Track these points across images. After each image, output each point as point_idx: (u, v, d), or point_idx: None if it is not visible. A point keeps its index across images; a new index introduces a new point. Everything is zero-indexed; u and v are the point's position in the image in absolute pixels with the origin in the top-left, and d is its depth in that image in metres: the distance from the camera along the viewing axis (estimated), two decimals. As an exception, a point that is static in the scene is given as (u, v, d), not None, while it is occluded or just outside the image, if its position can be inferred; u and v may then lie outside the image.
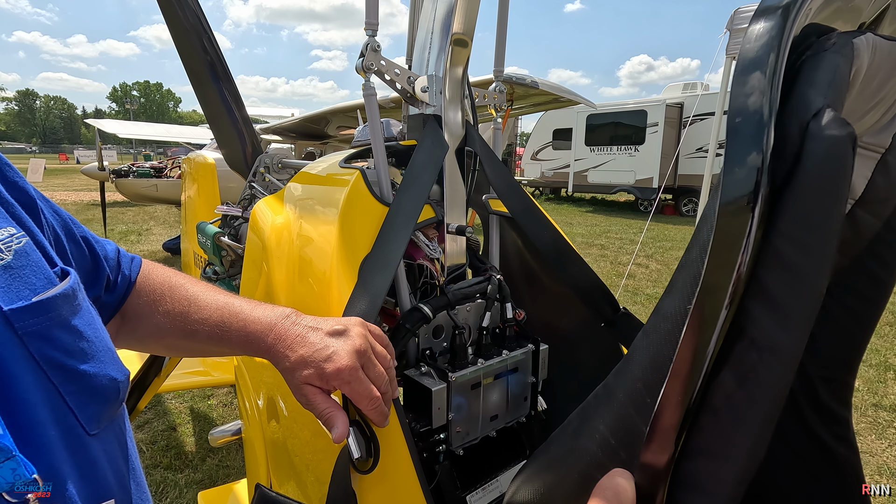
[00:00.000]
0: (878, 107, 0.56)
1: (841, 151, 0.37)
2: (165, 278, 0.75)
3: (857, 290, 0.68)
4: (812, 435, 0.73)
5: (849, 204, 0.63)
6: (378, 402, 0.66)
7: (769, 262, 0.38)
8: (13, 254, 0.48)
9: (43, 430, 0.46)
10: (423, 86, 0.97)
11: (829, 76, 0.40)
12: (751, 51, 0.39)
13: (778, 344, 0.38)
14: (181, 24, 1.65)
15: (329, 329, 0.67)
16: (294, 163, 1.70)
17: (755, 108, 0.38)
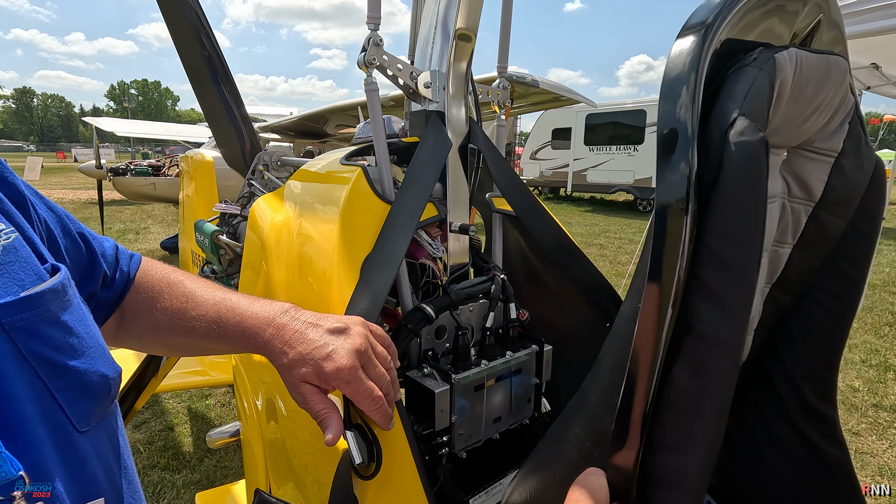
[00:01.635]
0: (820, 112, 0.59)
1: (754, 154, 0.41)
2: (164, 275, 0.74)
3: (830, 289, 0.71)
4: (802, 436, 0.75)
5: (810, 207, 0.68)
6: (380, 403, 0.65)
7: (705, 260, 0.41)
8: (1, 249, 0.47)
9: (30, 426, 0.45)
10: (425, 81, 0.96)
11: (746, 88, 0.45)
12: (675, 69, 0.43)
13: (722, 336, 0.42)
14: (180, 22, 1.63)
15: (329, 326, 0.65)
16: (293, 160, 1.68)
17: (681, 121, 0.42)
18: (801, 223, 0.69)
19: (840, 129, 0.64)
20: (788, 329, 0.75)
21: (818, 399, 0.73)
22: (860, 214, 0.67)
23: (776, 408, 0.75)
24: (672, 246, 0.41)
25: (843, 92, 0.60)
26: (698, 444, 0.43)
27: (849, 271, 0.69)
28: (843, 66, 0.57)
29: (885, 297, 6.06)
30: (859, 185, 0.66)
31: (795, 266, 0.71)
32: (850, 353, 4.40)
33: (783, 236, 0.71)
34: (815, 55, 0.53)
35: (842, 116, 0.64)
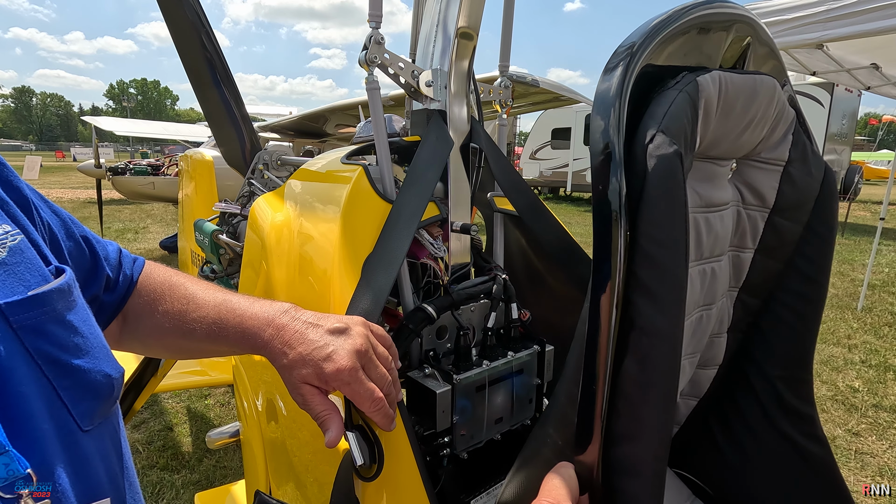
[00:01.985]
0: (755, 125, 0.65)
1: (669, 164, 0.47)
2: (166, 278, 0.74)
3: (795, 290, 0.75)
4: (783, 435, 0.78)
5: (765, 213, 0.73)
6: (381, 404, 0.64)
7: (640, 261, 0.47)
8: (7, 250, 0.48)
9: (37, 423, 0.46)
10: (427, 80, 0.95)
11: (665, 108, 0.50)
12: (604, 93, 0.49)
13: (660, 328, 0.47)
14: (180, 22, 1.63)
15: (329, 327, 0.65)
16: (293, 160, 1.68)
17: (610, 141, 0.47)
18: (759, 229, 0.74)
19: (784, 140, 0.69)
20: (760, 331, 0.78)
21: (795, 398, 0.76)
22: (815, 218, 0.73)
23: (757, 409, 0.78)
24: (612, 251, 0.46)
25: (779, 106, 0.66)
26: (650, 432, 0.48)
27: (810, 272, 0.74)
28: (769, 83, 0.63)
29: (884, 298, 6.07)
30: (810, 190, 0.72)
31: (759, 270, 0.76)
32: (849, 354, 4.40)
33: (743, 241, 0.75)
34: (740, 76, 0.59)
35: (783, 128, 0.69)
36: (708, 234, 0.67)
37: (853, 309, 5.62)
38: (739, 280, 0.77)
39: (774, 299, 0.76)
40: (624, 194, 0.46)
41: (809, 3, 2.93)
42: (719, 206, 0.68)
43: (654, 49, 0.51)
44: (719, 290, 0.73)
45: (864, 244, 9.35)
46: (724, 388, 0.83)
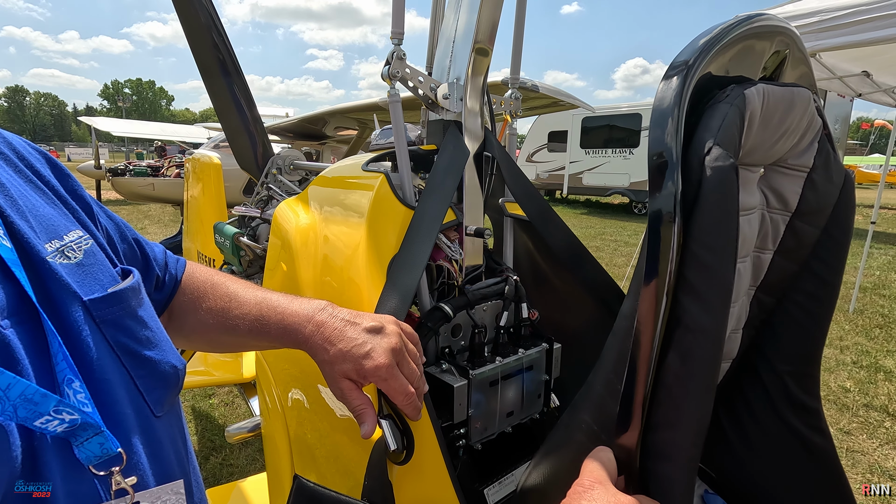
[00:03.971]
0: (789, 135, 0.68)
1: (726, 177, 0.50)
2: (207, 277, 0.79)
3: (808, 291, 0.79)
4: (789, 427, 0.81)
5: (787, 217, 0.76)
6: (413, 398, 0.69)
7: (690, 263, 0.49)
8: (83, 253, 0.53)
9: (121, 409, 0.50)
10: (444, 93, 1.01)
11: (719, 122, 0.53)
12: (662, 102, 0.52)
13: (705, 326, 0.50)
14: (194, 22, 1.66)
15: (367, 325, 0.69)
16: (306, 165, 1.73)
17: (668, 148, 0.50)
18: (780, 232, 0.77)
19: (810, 148, 0.73)
20: (772, 328, 0.81)
21: (802, 392, 0.80)
22: (833, 223, 0.76)
23: (764, 401, 0.82)
24: (664, 252, 0.49)
25: (810, 116, 0.69)
26: (688, 421, 0.51)
27: (824, 275, 0.78)
28: (805, 95, 0.67)
29: (875, 300, 6.17)
30: (830, 196, 0.75)
31: (776, 270, 0.79)
32: (841, 355, 4.49)
33: (764, 243, 0.78)
34: (780, 88, 0.62)
35: (811, 137, 0.73)
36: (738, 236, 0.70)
37: (845, 311, 5.72)
38: (758, 279, 0.80)
39: (788, 298, 0.80)
40: (679, 197, 0.48)
41: (802, 14, 3.01)
42: (748, 209, 0.71)
43: (709, 62, 0.54)
44: (742, 289, 0.76)
45: (856, 247, 9.45)
46: (733, 379, 0.87)
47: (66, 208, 0.57)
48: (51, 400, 0.42)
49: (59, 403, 0.43)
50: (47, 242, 0.50)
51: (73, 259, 0.51)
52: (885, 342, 4.80)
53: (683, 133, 0.52)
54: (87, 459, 0.46)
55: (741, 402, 0.85)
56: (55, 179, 0.59)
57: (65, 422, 0.43)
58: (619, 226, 12.27)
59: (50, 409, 0.42)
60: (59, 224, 0.53)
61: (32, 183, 0.55)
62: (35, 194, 0.54)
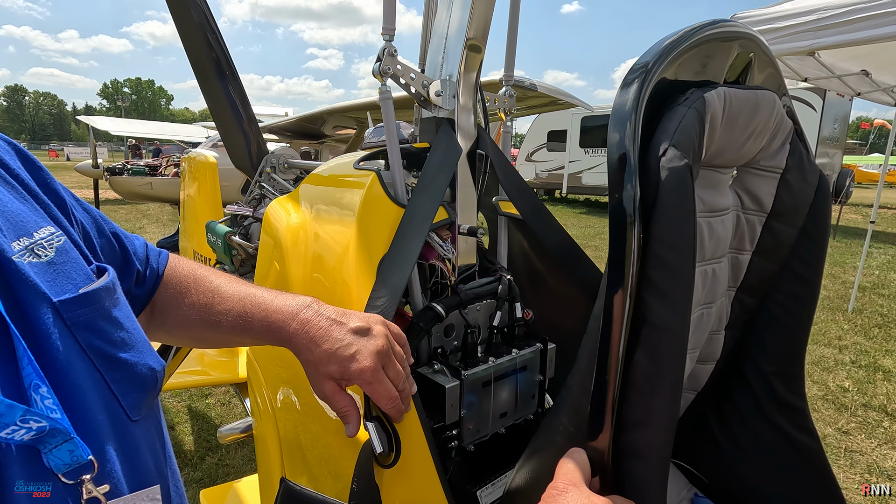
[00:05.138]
0: (757, 136, 0.69)
1: (681, 176, 0.51)
2: (191, 271, 0.76)
3: (789, 290, 0.79)
4: (776, 427, 0.81)
5: (763, 217, 0.77)
6: (396, 401, 0.68)
7: (652, 262, 0.50)
8: (55, 251, 0.51)
9: (93, 414, 0.48)
10: (437, 90, 0.99)
11: (675, 124, 0.54)
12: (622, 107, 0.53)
13: (670, 324, 0.50)
14: (188, 21, 1.65)
15: (353, 326, 0.67)
16: (300, 163, 1.71)
17: (626, 151, 0.51)
18: (757, 232, 0.78)
19: (782, 149, 0.74)
20: (756, 329, 0.82)
21: (788, 392, 0.80)
22: (810, 222, 0.77)
23: (751, 402, 0.82)
24: (626, 253, 0.50)
25: (778, 118, 0.70)
26: (658, 419, 0.52)
27: (804, 273, 0.78)
28: (770, 97, 0.68)
29: (874, 300, 6.16)
30: (806, 196, 0.76)
31: (756, 271, 0.80)
32: (840, 354, 4.48)
33: (741, 244, 0.78)
34: (744, 91, 0.63)
35: (782, 138, 0.74)
36: (710, 237, 0.70)
37: (844, 310, 5.71)
38: (737, 280, 0.81)
39: (770, 298, 0.80)
40: (638, 200, 0.49)
41: (801, 11, 3.00)
42: (721, 211, 0.72)
43: (667, 66, 0.55)
44: (719, 289, 0.77)
45: (855, 247, 9.47)
46: (720, 382, 0.87)
47: (37, 203, 0.54)
48: (17, 410, 0.40)
49: (27, 413, 0.41)
50: (14, 241, 0.48)
51: (43, 257, 0.49)
52: (884, 342, 4.80)
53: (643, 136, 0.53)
54: (57, 467, 0.44)
55: (729, 404, 0.85)
56: (25, 173, 0.56)
57: (32, 430, 0.41)
58: (618, 225, 12.26)
59: (16, 419, 0.40)
60: (28, 220, 0.51)
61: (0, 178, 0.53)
62: (2, 189, 0.51)
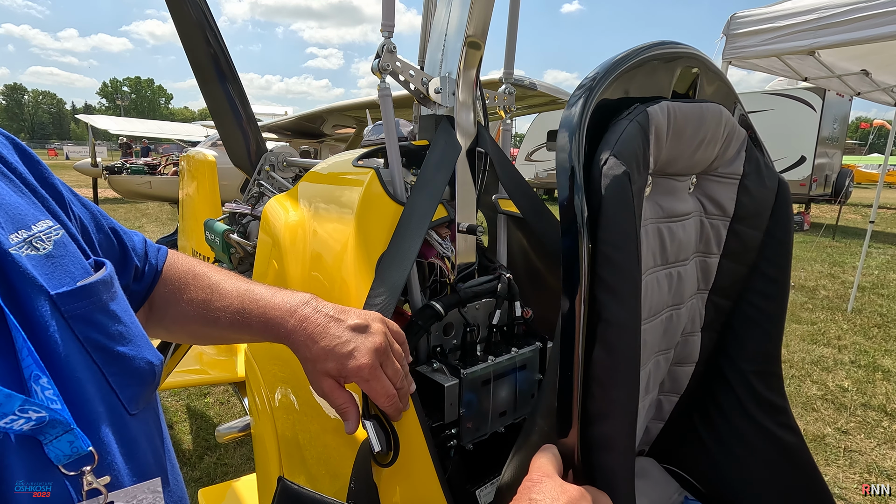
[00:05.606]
0: (708, 145, 0.73)
1: (620, 182, 0.55)
2: (189, 267, 0.76)
3: (760, 290, 0.83)
4: (759, 427, 0.84)
5: (727, 221, 0.81)
6: (394, 399, 0.68)
7: (601, 262, 0.54)
8: (53, 244, 0.51)
9: (93, 407, 0.48)
10: (436, 87, 0.99)
11: (616, 136, 0.59)
12: (568, 123, 0.57)
13: (622, 318, 0.54)
14: (187, 20, 1.65)
15: (351, 323, 0.67)
16: (299, 161, 1.71)
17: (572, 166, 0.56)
18: (722, 236, 0.82)
19: (738, 157, 0.78)
20: (732, 329, 0.85)
21: (768, 390, 0.83)
22: (774, 224, 0.81)
23: (734, 403, 0.85)
24: (578, 257, 0.54)
25: (729, 127, 0.75)
26: (620, 410, 0.56)
27: (772, 274, 0.82)
28: (715, 109, 0.72)
29: (873, 300, 6.16)
30: (765, 200, 0.80)
31: (726, 273, 0.84)
32: (839, 354, 4.48)
33: (708, 247, 0.82)
34: (688, 104, 0.68)
35: (736, 146, 0.78)
36: (671, 241, 0.73)
37: (843, 310, 5.71)
38: (709, 283, 0.84)
39: (743, 300, 0.83)
40: (585, 210, 0.54)
41: (801, 10, 2.99)
42: (681, 216, 0.75)
43: (611, 84, 0.60)
44: (687, 291, 0.79)
45: (855, 247, 9.47)
46: (703, 385, 0.89)
47: (34, 197, 0.54)
48: (15, 400, 0.41)
49: (25, 402, 0.41)
50: (12, 233, 0.48)
51: (41, 250, 0.49)
52: (884, 341, 4.80)
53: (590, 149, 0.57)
54: (57, 458, 0.44)
55: (714, 407, 0.87)
56: (23, 167, 0.56)
57: (31, 420, 0.41)
58: (617, 225, 12.25)
59: (15, 409, 0.41)
60: (26, 214, 0.51)
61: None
62: (0, 182, 0.52)
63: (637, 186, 0.59)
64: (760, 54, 3.34)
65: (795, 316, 5.51)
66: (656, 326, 0.75)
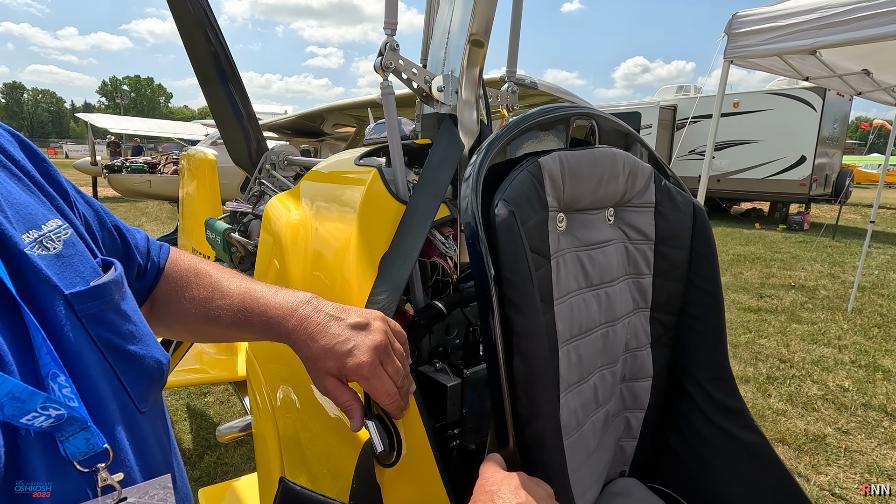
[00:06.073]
0: (608, 182, 0.83)
1: (507, 221, 0.65)
2: (192, 265, 0.76)
3: (696, 302, 0.92)
4: (722, 431, 0.89)
5: (651, 244, 0.91)
6: (395, 398, 0.67)
7: (505, 285, 0.64)
8: (63, 244, 0.51)
9: (106, 404, 0.49)
10: (439, 85, 0.98)
11: (507, 184, 0.70)
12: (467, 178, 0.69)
13: (527, 328, 0.63)
14: (187, 17, 1.64)
15: (351, 321, 0.67)
16: (300, 160, 1.70)
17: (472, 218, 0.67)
18: (650, 258, 0.91)
19: (648, 188, 0.89)
20: (682, 343, 0.93)
21: (724, 395, 0.90)
22: (696, 242, 0.91)
23: (697, 413, 0.91)
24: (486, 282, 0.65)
25: (629, 165, 0.86)
26: (543, 409, 0.64)
27: (705, 286, 0.91)
28: (607, 152, 0.83)
29: (873, 300, 6.17)
30: (682, 223, 0.90)
31: (661, 291, 0.92)
32: (840, 354, 4.48)
33: (638, 269, 0.91)
34: (580, 151, 0.79)
35: (643, 180, 0.89)
36: (592, 266, 0.82)
37: (843, 310, 5.72)
38: (647, 301, 0.93)
39: (685, 314, 0.92)
40: (486, 244, 0.66)
41: (803, 10, 2.99)
42: (599, 243, 0.84)
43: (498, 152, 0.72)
44: (619, 309, 0.87)
45: (855, 247, 9.48)
46: (668, 399, 0.95)
47: (43, 195, 0.54)
48: (38, 397, 0.41)
49: (47, 400, 0.42)
50: (24, 233, 0.48)
51: (52, 250, 0.49)
52: (884, 341, 4.80)
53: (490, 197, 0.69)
54: (73, 455, 0.45)
55: (681, 419, 0.94)
56: (31, 164, 0.56)
57: (50, 417, 0.42)
58: (617, 224, 12.25)
59: (37, 406, 0.41)
60: (36, 213, 0.51)
61: (7, 169, 0.53)
62: (10, 181, 0.52)
63: (534, 221, 0.71)
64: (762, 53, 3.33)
65: (795, 316, 5.51)
66: (592, 342, 0.83)
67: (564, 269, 0.78)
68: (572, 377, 0.79)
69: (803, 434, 3.20)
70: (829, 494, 2.64)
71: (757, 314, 5.56)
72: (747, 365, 4.24)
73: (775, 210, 13.46)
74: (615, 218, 0.89)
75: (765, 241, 10.09)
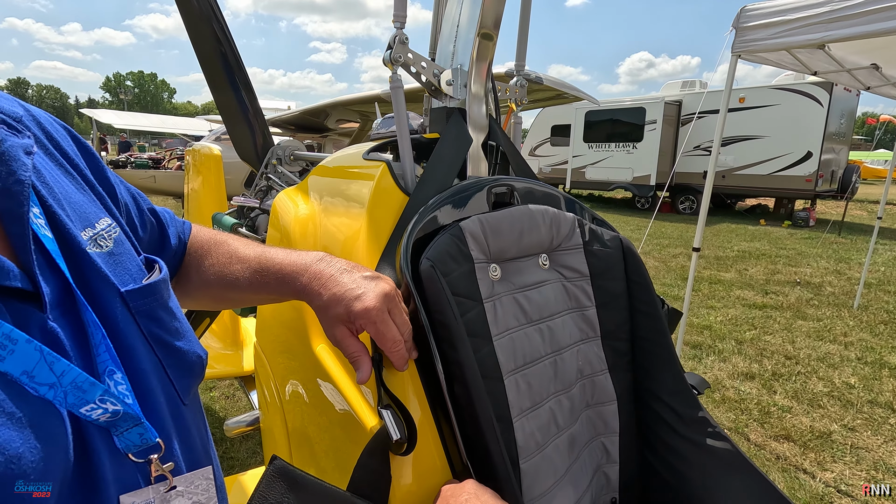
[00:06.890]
0: (530, 232, 0.92)
1: (429, 273, 0.75)
2: (211, 236, 0.80)
3: (644, 325, 0.99)
4: (690, 441, 0.94)
5: (588, 280, 0.99)
6: (400, 345, 0.69)
7: (436, 325, 0.74)
8: (113, 242, 0.54)
9: (156, 397, 0.51)
10: (447, 79, 0.98)
11: (431, 246, 0.80)
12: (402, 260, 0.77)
13: (458, 358, 0.72)
14: (193, 13, 1.64)
15: (363, 273, 0.70)
16: (306, 155, 1.70)
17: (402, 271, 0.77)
18: (589, 292, 0.99)
19: (573, 233, 0.98)
20: (640, 365, 1.00)
21: (687, 407, 0.96)
22: (630, 272, 1.00)
23: (667, 430, 0.96)
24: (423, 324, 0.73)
25: (549, 216, 0.94)
26: (482, 423, 0.71)
27: (645, 310, 0.99)
28: (523, 210, 0.92)
29: (879, 296, 6.13)
30: (612, 257, 1.00)
31: (607, 320, 0.99)
32: (846, 351, 4.46)
33: (580, 303, 0.98)
34: (498, 213, 0.89)
35: (567, 227, 0.97)
36: (530, 304, 0.90)
37: (850, 307, 5.69)
38: (596, 331, 0.99)
39: (636, 337, 1.00)
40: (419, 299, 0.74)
41: (813, 3, 2.95)
42: (532, 285, 0.92)
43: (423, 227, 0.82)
44: (563, 340, 0.94)
45: (861, 243, 9.42)
46: (640, 421, 1.00)
47: (93, 194, 0.57)
48: (97, 389, 0.44)
49: (105, 393, 0.44)
50: (82, 231, 0.50)
51: (104, 248, 0.52)
52: (890, 338, 4.78)
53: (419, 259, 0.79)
54: (127, 448, 0.47)
55: (652, 436, 0.98)
56: (83, 161, 0.58)
57: (108, 411, 0.44)
58: (622, 220, 12.23)
59: (96, 398, 0.44)
60: (90, 211, 0.53)
61: (62, 167, 0.55)
62: (66, 179, 0.54)
63: (458, 272, 0.80)
64: (770, 48, 3.29)
65: (801, 312, 5.49)
66: (541, 370, 0.89)
67: (502, 310, 0.86)
68: (524, 403, 0.84)
69: (809, 431, 3.19)
70: (835, 491, 2.64)
71: (762, 311, 5.54)
72: (752, 361, 4.23)
73: (781, 206, 13.39)
74: (550, 262, 0.97)
75: (770, 238, 10.04)
